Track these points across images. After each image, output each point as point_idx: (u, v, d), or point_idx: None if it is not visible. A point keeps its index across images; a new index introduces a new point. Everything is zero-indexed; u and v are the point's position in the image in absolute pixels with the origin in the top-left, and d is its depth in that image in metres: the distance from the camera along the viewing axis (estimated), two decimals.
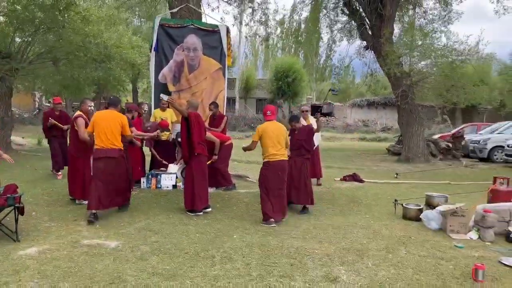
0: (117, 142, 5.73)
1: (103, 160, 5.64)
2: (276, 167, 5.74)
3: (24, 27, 12.45)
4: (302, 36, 33.34)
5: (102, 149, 5.65)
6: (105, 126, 5.67)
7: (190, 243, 4.66)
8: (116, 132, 5.72)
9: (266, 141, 5.75)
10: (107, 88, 20.59)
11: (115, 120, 5.73)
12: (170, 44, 8.56)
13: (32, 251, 4.22)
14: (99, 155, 5.66)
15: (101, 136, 5.66)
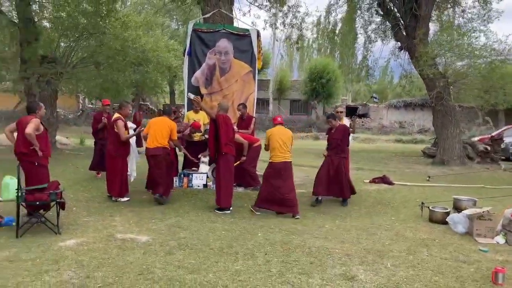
0: (163, 142, 6.69)
1: (151, 157, 6.70)
2: (278, 167, 6.25)
3: (68, 33, 13.20)
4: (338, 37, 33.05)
5: (150, 148, 6.68)
6: (157, 129, 6.73)
7: (216, 239, 4.89)
8: (165, 135, 6.72)
9: (273, 142, 6.29)
10: (145, 90, 21.34)
11: (165, 125, 6.78)
12: (202, 48, 8.87)
13: (71, 243, 4.59)
14: (149, 152, 6.72)
15: (151, 137, 6.68)
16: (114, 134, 6.82)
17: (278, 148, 6.25)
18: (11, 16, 13.01)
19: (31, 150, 5.26)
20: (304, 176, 9.93)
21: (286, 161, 6.33)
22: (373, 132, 28.48)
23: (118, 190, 6.80)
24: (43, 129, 5.43)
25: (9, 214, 5.43)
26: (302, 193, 7.92)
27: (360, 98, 49.89)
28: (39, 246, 4.46)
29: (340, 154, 7.11)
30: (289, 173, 6.41)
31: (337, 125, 7.23)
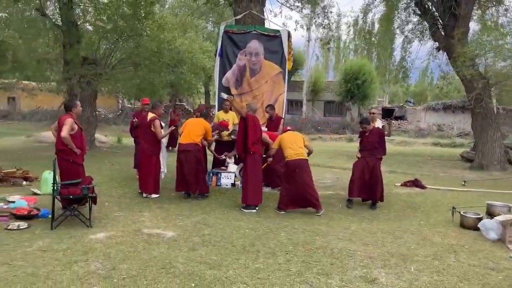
0: (196, 139, 6.97)
1: (182, 152, 6.95)
2: (293, 165, 6.34)
3: (108, 36, 13.73)
4: (375, 37, 32.47)
5: (183, 143, 6.99)
6: (191, 128, 7.07)
7: (239, 237, 4.96)
8: (199, 133, 7.05)
9: (284, 144, 6.50)
10: (180, 91, 21.82)
11: (200, 125, 7.14)
12: (233, 49, 8.99)
13: (100, 236, 4.79)
14: (181, 148, 7.02)
15: (185, 134, 7.01)
16: (150, 133, 7.04)
17: (290, 147, 6.43)
18: (55, 19, 13.65)
19: (67, 148, 5.54)
20: (334, 178, 9.84)
21: (301, 158, 6.40)
22: (409, 135, 27.70)
23: (152, 187, 7.03)
24: (78, 128, 5.69)
25: (46, 207, 5.73)
26: (330, 194, 7.88)
27: (397, 100, 48.67)
28: (70, 237, 4.69)
29: (376, 155, 7.07)
30: (305, 169, 6.44)
31: (370, 128, 7.17)
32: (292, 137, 6.64)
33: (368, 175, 6.94)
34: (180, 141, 7.13)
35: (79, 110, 5.92)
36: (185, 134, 7.06)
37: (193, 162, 6.92)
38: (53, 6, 14.20)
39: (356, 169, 7.09)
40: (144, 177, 7.06)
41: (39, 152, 12.67)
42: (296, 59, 28.66)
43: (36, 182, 7.67)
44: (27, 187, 7.38)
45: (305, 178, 6.39)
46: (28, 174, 7.86)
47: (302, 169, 6.37)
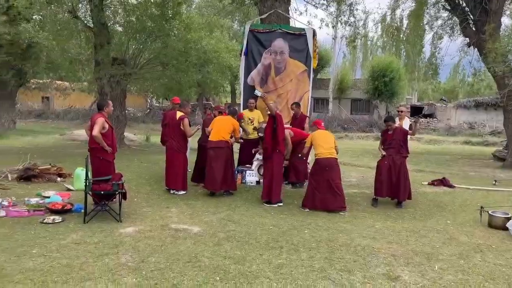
0: (226, 137, 7.11)
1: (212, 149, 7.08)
2: (323, 163, 6.45)
3: (137, 36, 14.09)
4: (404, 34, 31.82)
5: (213, 140, 7.11)
6: (220, 125, 7.20)
7: (263, 233, 5.05)
8: (227, 131, 7.17)
9: (316, 142, 6.62)
10: (207, 90, 22.12)
11: (228, 123, 7.25)
12: (258, 48, 9.08)
13: (130, 230, 4.99)
14: (211, 145, 7.11)
15: (215, 132, 7.15)
16: (178, 131, 7.23)
17: (322, 145, 6.53)
18: (87, 21, 14.12)
19: (99, 146, 5.77)
20: (360, 177, 9.78)
21: (332, 157, 6.50)
22: (439, 133, 27.07)
23: (180, 184, 7.21)
24: (109, 127, 5.90)
25: (78, 202, 5.99)
26: (355, 193, 7.86)
27: (427, 97, 47.58)
28: (102, 231, 4.90)
29: (402, 153, 7.03)
30: (335, 169, 6.53)
31: (394, 127, 7.18)
32: (324, 135, 6.74)
33: (395, 174, 6.89)
34: (210, 138, 7.22)
35: (111, 110, 6.13)
36: (215, 131, 7.17)
37: (223, 160, 7.06)
38: (84, 8, 14.68)
39: (383, 168, 7.04)
40: (172, 174, 7.24)
41: (71, 150, 13.15)
42: (322, 57, 28.49)
43: (69, 179, 7.99)
44: (61, 183, 7.71)
45: (334, 178, 6.42)
46: (62, 171, 8.20)
47: (332, 168, 6.45)
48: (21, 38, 15.73)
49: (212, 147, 7.11)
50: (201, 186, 7.61)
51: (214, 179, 7.02)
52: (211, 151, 7.11)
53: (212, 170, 7.04)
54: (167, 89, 16.11)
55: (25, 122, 26.60)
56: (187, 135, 7.28)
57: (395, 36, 27.99)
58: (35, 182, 7.60)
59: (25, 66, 17.95)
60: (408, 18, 20.35)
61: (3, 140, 15.16)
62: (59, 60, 17.74)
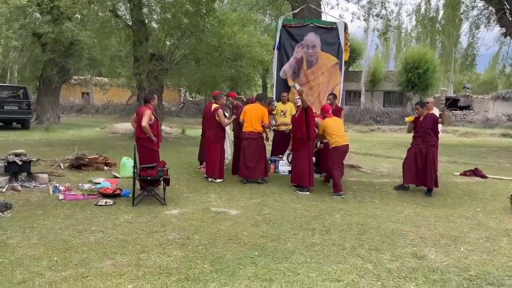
0: (258, 127, 7.51)
1: (246, 139, 7.50)
2: (342, 150, 7.06)
3: (173, 33, 14.66)
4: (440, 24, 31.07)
5: (246, 131, 7.50)
6: (252, 115, 7.55)
7: (296, 217, 5.40)
8: (259, 120, 7.53)
9: (329, 131, 7.07)
10: (239, 84, 22.57)
11: (258, 112, 7.57)
12: (291, 42, 9.37)
13: (174, 212, 5.46)
14: (244, 136, 7.52)
15: (247, 122, 7.52)
16: (214, 122, 7.68)
17: (336, 133, 7.04)
18: (126, 19, 14.81)
19: (145, 136, 6.27)
20: (391, 167, 9.93)
21: (347, 144, 7.14)
22: (475, 125, 26.44)
23: (218, 172, 7.67)
24: (155, 118, 6.38)
25: (126, 188, 6.54)
26: (386, 182, 8.07)
27: (463, 89, 46.24)
28: (149, 213, 5.40)
29: (429, 142, 7.11)
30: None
31: (424, 113, 7.27)
32: (336, 123, 7.20)
33: (422, 162, 7.03)
34: (244, 129, 7.60)
35: (156, 103, 6.63)
36: (247, 122, 7.56)
37: (257, 150, 7.50)
38: (124, 7, 15.38)
39: (409, 155, 7.28)
40: (211, 163, 7.70)
41: (113, 142, 13.89)
42: (354, 49, 28.31)
43: (115, 167, 8.60)
44: (108, 171, 8.33)
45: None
46: (108, 160, 8.83)
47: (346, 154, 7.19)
48: (64, 36, 16.66)
49: (245, 137, 7.54)
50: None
51: (248, 167, 7.48)
52: (244, 142, 7.55)
53: (245, 159, 7.49)
54: (201, 83, 16.63)
55: (67, 117, 27.99)
56: (223, 125, 7.71)
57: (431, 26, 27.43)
58: (85, 170, 8.24)
59: (68, 63, 18.94)
60: (444, 8, 19.99)
61: (50, 133, 16.16)
62: (100, 57, 18.71)
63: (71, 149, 9.99)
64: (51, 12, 17.04)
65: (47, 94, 19.90)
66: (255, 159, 7.48)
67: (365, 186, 7.67)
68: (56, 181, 7.06)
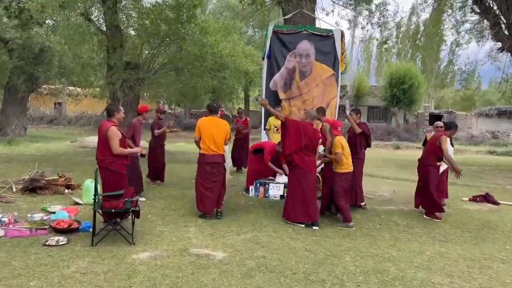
0: (222, 148, 6.05)
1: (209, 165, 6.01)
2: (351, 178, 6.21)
3: (151, 40, 13.57)
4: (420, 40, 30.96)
5: (209, 155, 6.00)
6: (214, 134, 5.98)
7: (298, 262, 4.33)
8: (223, 140, 6.07)
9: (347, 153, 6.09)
10: (221, 96, 21.54)
11: (223, 130, 6.07)
12: (282, 50, 8.42)
13: (144, 256, 4.30)
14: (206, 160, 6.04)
15: (210, 143, 5.98)
16: None
17: (347, 156, 6.12)
18: (100, 24, 13.66)
19: (109, 157, 5.09)
20: (391, 191, 8.99)
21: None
22: (460, 142, 26.07)
23: None
24: (122, 136, 5.24)
25: (87, 219, 5.36)
26: (391, 210, 7.10)
27: (444, 105, 46.48)
28: (112, 257, 4.23)
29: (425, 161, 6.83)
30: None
31: (431, 135, 7.24)
32: (347, 144, 6.20)
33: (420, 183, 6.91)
34: (204, 150, 6.00)
35: (121, 117, 5.40)
36: (210, 142, 5.98)
37: (220, 178, 6.06)
38: (97, 11, 14.24)
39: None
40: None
41: (82, 158, 12.59)
42: None
43: (78, 190, 7.38)
44: (69, 195, 7.09)
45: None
46: (71, 182, 7.59)
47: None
48: (33, 42, 15.35)
49: (208, 162, 5.96)
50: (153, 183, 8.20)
51: (210, 200, 5.97)
52: (207, 167, 5.98)
53: (208, 190, 5.96)
54: (181, 95, 15.54)
55: (36, 128, 26.35)
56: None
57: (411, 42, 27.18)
58: (41, 194, 6.98)
59: (37, 71, 17.58)
60: (426, 24, 19.67)
61: (13, 146, 14.70)
62: (71, 65, 17.38)
63: (30, 167, 8.71)
64: (20, 17, 15.71)
65: (13, 103, 18.42)
66: (218, 190, 6.03)
67: (369, 215, 6.67)
68: (1, 209, 5.81)
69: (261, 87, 10.31)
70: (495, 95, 44.31)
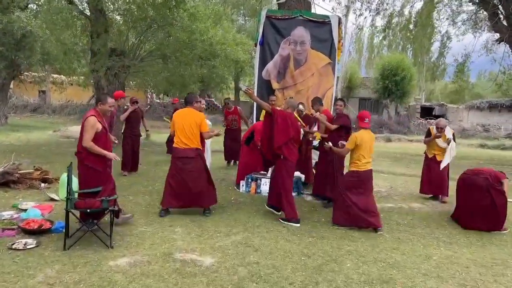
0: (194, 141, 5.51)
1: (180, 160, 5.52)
2: (364, 176, 5.42)
3: (137, 26, 12.91)
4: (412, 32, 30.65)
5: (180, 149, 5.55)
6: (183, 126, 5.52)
7: (295, 269, 3.90)
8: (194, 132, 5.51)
9: (361, 151, 5.36)
10: (211, 86, 20.94)
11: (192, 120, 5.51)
12: (276, 37, 7.94)
13: (122, 262, 3.83)
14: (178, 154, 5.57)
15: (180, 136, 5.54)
16: None
17: (365, 154, 5.39)
18: (83, 8, 12.96)
19: (86, 151, 4.55)
20: (388, 186, 8.62)
21: (371, 169, 5.52)
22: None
23: None
24: (102, 128, 4.64)
25: (62, 217, 4.84)
26: (390, 208, 6.72)
27: (434, 98, 46.45)
28: (86, 263, 3.75)
29: None
30: (371, 181, 5.58)
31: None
32: (369, 141, 5.42)
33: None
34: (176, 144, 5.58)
35: (106, 108, 4.71)
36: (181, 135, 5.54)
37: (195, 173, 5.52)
38: None
39: None
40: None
41: (64, 148, 11.98)
42: None
43: (55, 185, 6.86)
44: (45, 190, 6.55)
45: (371, 191, 5.41)
46: (48, 175, 7.06)
47: (371, 181, 5.52)
48: (15, 27, 14.60)
49: (179, 157, 5.49)
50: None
51: (177, 197, 5.51)
52: (178, 162, 5.52)
53: (177, 187, 5.49)
54: (169, 83, 14.94)
55: (20, 117, 25.46)
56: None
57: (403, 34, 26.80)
58: (15, 189, 6.45)
59: (19, 57, 16.80)
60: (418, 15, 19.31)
61: None
62: (54, 51, 16.62)
63: (7, 158, 8.12)
64: (0, 1, 14.93)
65: None
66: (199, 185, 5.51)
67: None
68: None
69: (252, 77, 9.81)
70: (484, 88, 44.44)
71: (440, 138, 7.08)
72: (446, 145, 7.03)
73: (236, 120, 9.80)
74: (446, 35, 22.54)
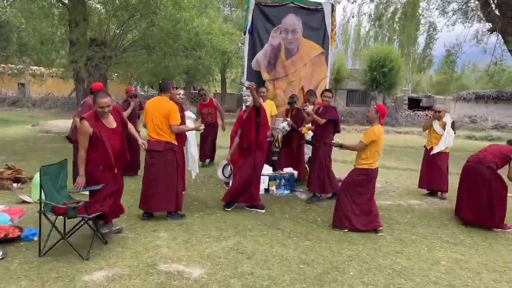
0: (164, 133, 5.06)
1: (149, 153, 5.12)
2: (374, 174, 5.09)
3: (119, 14, 12.28)
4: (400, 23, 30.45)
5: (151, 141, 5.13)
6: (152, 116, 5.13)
7: (294, 279, 3.51)
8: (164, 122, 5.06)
9: (377, 147, 4.95)
10: (196, 77, 20.36)
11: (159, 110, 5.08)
12: (266, 25, 7.47)
13: (99, 277, 3.39)
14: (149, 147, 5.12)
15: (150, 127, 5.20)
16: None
17: (379, 151, 5.02)
18: None
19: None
20: (383, 181, 8.28)
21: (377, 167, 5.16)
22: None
23: None
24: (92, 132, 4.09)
25: (33, 223, 4.39)
26: (388, 205, 6.38)
27: (421, 89, 46.58)
28: (57, 279, 3.31)
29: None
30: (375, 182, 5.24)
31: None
32: (382, 138, 4.98)
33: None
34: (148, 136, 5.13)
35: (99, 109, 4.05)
36: (150, 126, 5.12)
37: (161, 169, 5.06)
38: None
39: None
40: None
41: (42, 144, 11.38)
42: None
43: (29, 184, 6.33)
44: (17, 191, 6.03)
45: (373, 191, 5.05)
46: (20, 174, 6.52)
47: (375, 180, 5.16)
48: None
49: (148, 150, 5.00)
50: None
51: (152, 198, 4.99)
52: (147, 156, 5.08)
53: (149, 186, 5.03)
54: (153, 75, 14.36)
55: None
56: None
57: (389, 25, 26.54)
58: None
59: None
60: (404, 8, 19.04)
61: None
62: (32, 41, 15.85)
63: None
64: None
65: None
66: (163, 183, 4.98)
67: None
68: None
69: (239, 68, 9.34)
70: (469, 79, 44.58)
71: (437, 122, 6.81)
72: (443, 131, 6.77)
73: (211, 114, 8.84)
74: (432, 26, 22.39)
